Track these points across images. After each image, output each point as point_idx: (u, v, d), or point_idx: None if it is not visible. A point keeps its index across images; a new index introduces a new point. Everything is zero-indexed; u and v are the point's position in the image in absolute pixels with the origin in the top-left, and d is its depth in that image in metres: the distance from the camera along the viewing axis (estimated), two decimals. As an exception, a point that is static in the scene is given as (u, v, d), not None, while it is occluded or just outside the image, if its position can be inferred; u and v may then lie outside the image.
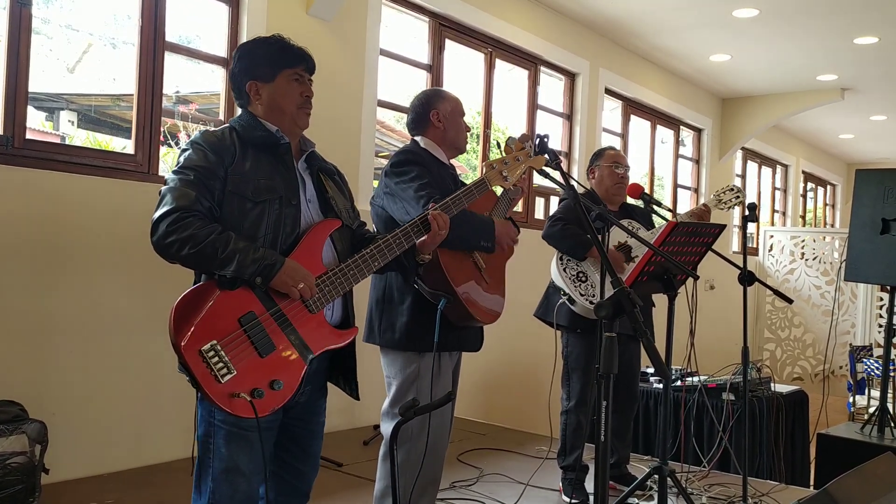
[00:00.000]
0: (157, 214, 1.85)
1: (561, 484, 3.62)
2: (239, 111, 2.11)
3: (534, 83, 6.38)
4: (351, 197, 2.22)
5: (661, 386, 4.72)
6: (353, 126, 4.81)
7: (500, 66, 6.10)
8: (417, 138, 2.79)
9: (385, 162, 5.58)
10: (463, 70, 5.95)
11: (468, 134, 2.84)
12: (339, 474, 3.82)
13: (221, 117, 4.25)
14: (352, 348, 2.08)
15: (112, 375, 3.62)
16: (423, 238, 2.12)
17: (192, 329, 1.77)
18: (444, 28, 5.55)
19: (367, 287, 2.70)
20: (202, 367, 1.77)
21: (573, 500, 3.50)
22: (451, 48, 5.68)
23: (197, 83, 4.43)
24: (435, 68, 5.51)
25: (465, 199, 2.24)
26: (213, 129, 2.05)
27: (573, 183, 2.37)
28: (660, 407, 4.65)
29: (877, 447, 4.09)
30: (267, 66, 2.04)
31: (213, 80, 4.35)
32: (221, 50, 4.23)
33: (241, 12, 4.23)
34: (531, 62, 6.33)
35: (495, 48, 5.98)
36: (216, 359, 1.78)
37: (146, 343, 3.66)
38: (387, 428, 2.61)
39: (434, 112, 2.74)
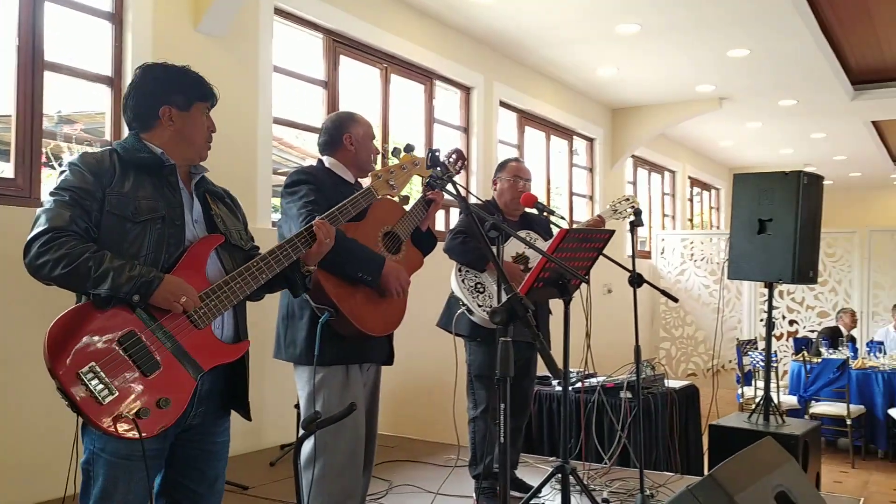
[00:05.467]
0: (30, 236, 1.82)
1: (474, 493, 3.67)
2: (126, 131, 2.08)
3: (430, 97, 6.47)
4: (244, 220, 2.23)
5: (560, 388, 4.86)
6: (249, 144, 4.75)
7: (396, 81, 6.17)
8: (324, 158, 2.85)
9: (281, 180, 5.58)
10: (359, 85, 5.98)
11: (377, 156, 2.90)
12: (245, 498, 3.74)
13: (108, 137, 4.12)
14: (243, 368, 2.07)
15: (-2, 410, 3.43)
16: (309, 249, 2.14)
17: (70, 352, 1.74)
18: (339, 44, 5.57)
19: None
20: (81, 391, 1.73)
21: (487, 508, 3.56)
22: (347, 64, 5.70)
23: (80, 103, 4.28)
24: (331, 84, 5.51)
25: (352, 209, 2.29)
26: (93, 150, 2.03)
27: (464, 194, 2.44)
28: (561, 408, 4.80)
29: (763, 433, 4.35)
30: (183, 94, 2.04)
31: (98, 100, 4.20)
32: (105, 68, 4.11)
33: (126, 29, 4.11)
34: (426, 77, 6.42)
35: (391, 63, 6.04)
36: (95, 381, 1.74)
37: (32, 371, 3.48)
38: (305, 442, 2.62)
39: (347, 135, 2.82)
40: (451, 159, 3.13)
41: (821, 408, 6.75)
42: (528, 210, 3.80)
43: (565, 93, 8.38)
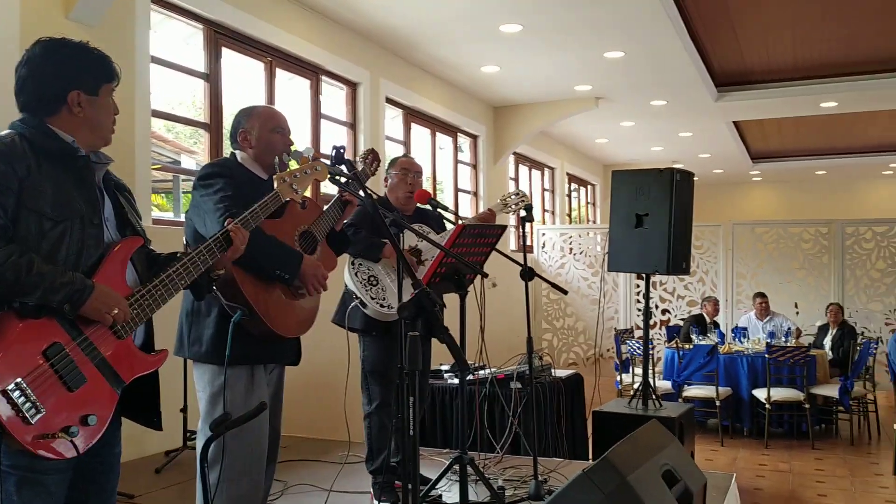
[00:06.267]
0: None
1: (371, 489, 3.68)
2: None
3: (316, 93, 6.40)
4: (139, 214, 2.13)
5: (455, 381, 4.95)
6: (126, 138, 4.54)
7: (281, 75, 6.06)
8: (236, 152, 2.77)
9: (161, 175, 5.37)
10: (243, 79, 5.83)
11: (289, 148, 2.77)
12: (132, 507, 3.60)
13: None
14: (154, 374, 1.98)
15: None
16: (223, 254, 2.07)
17: None
18: (220, 36, 5.41)
19: (180, 300, 2.61)
20: (8, 410, 1.58)
21: (385, 503, 3.57)
22: (229, 56, 5.54)
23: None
24: (212, 77, 5.35)
25: (262, 213, 2.24)
26: None
27: (367, 191, 2.45)
28: (455, 401, 4.88)
29: (643, 417, 4.58)
30: (91, 77, 1.88)
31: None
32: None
33: (-10, 14, 3.84)
34: (312, 72, 6.34)
35: (275, 57, 5.92)
36: (23, 398, 1.60)
37: None
38: (200, 445, 2.53)
39: (241, 131, 2.74)
40: (367, 160, 3.12)
41: (693, 391, 7.17)
42: (420, 206, 3.84)
43: (450, 90, 8.49)
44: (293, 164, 2.61)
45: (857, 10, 6.60)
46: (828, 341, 8.00)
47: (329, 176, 2.47)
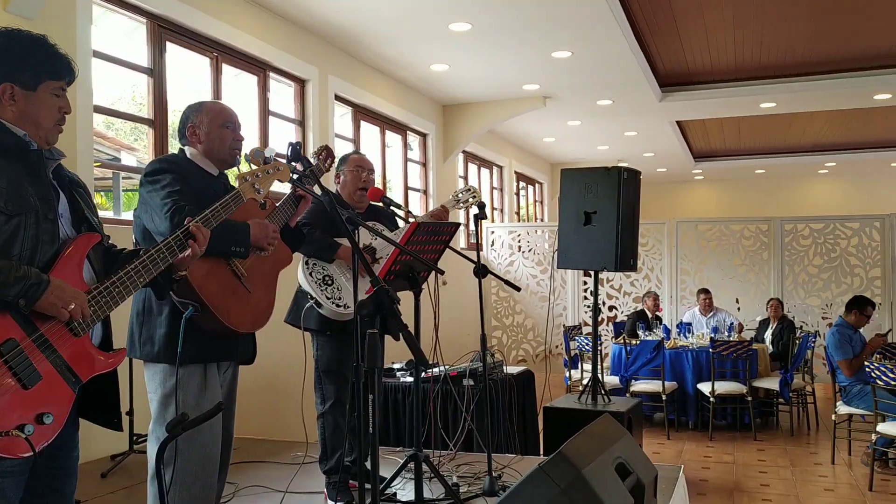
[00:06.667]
0: None
1: (325, 489, 3.65)
2: None
3: (264, 89, 6.31)
4: (96, 209, 2.07)
5: (408, 380, 4.94)
6: (68, 134, 4.40)
7: (228, 71, 5.96)
8: (185, 148, 2.72)
9: (101, 172, 5.23)
10: (188, 74, 5.72)
11: (240, 144, 2.73)
12: (77, 513, 3.50)
13: None
14: (113, 376, 1.93)
15: None
16: (185, 253, 2.03)
17: None
18: (165, 30, 5.29)
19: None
20: None
21: (339, 503, 3.55)
22: (174, 51, 5.43)
23: None
24: (157, 72, 5.23)
25: (223, 212, 2.20)
26: None
27: (323, 188, 2.42)
28: (408, 399, 4.88)
29: (593, 412, 4.66)
30: (30, 71, 1.81)
31: None
32: None
33: (-78, 4, 3.69)
34: (260, 68, 6.26)
35: (222, 53, 5.82)
36: None
37: None
38: (152, 448, 2.48)
39: (190, 126, 2.68)
40: (321, 156, 3.09)
41: (640, 386, 7.31)
42: (372, 203, 3.82)
43: (400, 88, 8.47)
44: (245, 166, 2.57)
45: (795, 15, 6.81)
46: (768, 335, 8.23)
47: (297, 175, 2.45)
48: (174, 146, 5.42)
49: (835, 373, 6.31)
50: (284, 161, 2.52)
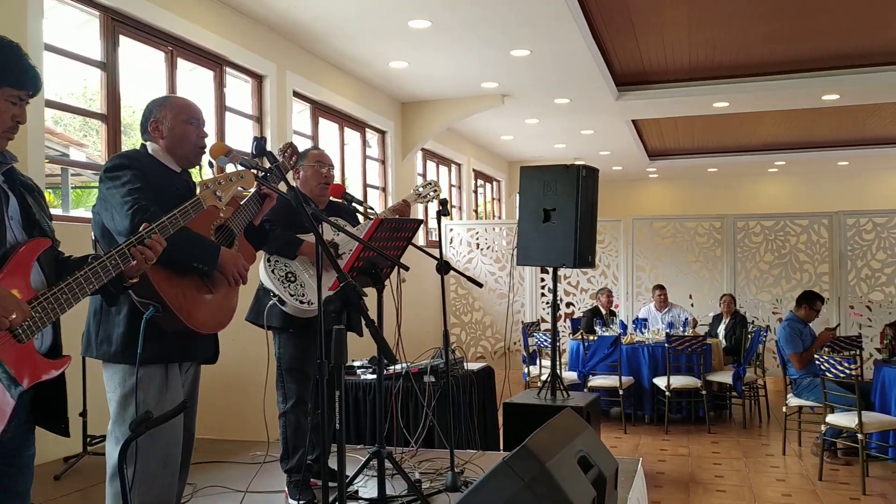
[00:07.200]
0: None
1: (286, 488, 3.62)
2: None
3: (220, 84, 6.22)
4: (50, 214, 2.02)
5: (369, 377, 4.93)
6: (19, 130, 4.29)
7: (183, 65, 5.86)
8: (147, 144, 2.66)
9: (49, 169, 5.11)
10: (142, 68, 5.61)
11: (204, 142, 2.67)
12: (30, 517, 3.41)
13: None
14: (61, 381, 1.90)
15: None
16: (134, 263, 1.99)
17: None
18: (118, 23, 5.18)
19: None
20: None
21: (301, 502, 3.52)
22: (128, 45, 5.32)
23: None
24: (110, 66, 5.12)
25: (182, 219, 2.16)
26: None
27: (289, 184, 2.40)
28: (369, 396, 4.87)
29: (552, 407, 4.71)
30: None
31: None
32: None
33: None
34: (216, 63, 6.17)
35: (177, 47, 5.72)
36: None
37: None
38: (111, 449, 2.43)
39: (153, 121, 2.62)
40: (286, 153, 3.05)
41: (598, 381, 7.40)
42: (333, 199, 3.80)
43: (359, 85, 8.43)
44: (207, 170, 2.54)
45: (748, 16, 6.96)
46: (721, 330, 8.41)
47: (264, 172, 2.42)
48: (127, 142, 5.31)
49: (785, 366, 6.48)
50: (249, 155, 2.49)
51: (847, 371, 5.34)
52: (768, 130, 12.48)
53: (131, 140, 5.38)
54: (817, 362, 5.60)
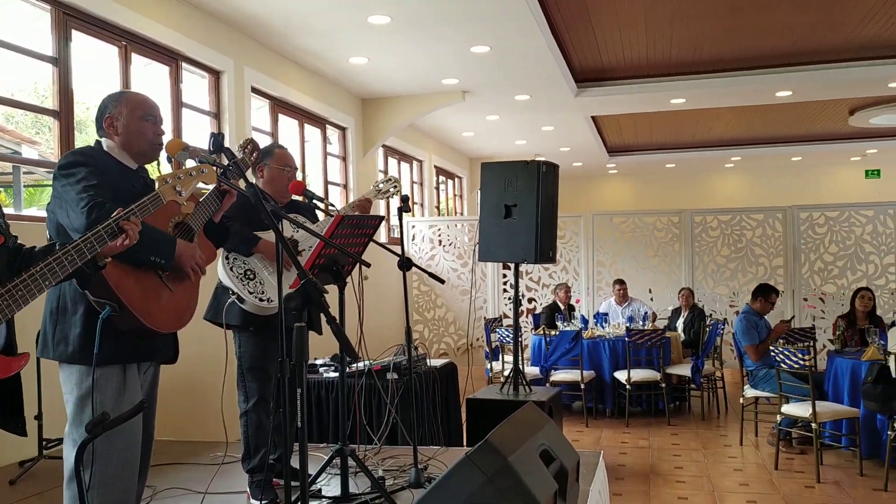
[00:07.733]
0: None
1: (248, 488, 3.58)
2: None
3: (176, 80, 6.12)
4: (3, 212, 1.97)
5: (331, 375, 4.90)
6: (-34, 125, 4.18)
7: (138, 60, 5.75)
8: (102, 140, 2.60)
9: (4, 167, 4.98)
10: (95, 64, 5.49)
11: (161, 139, 2.62)
12: (-17, 523, 3.33)
13: None
14: (17, 380, 1.85)
15: None
16: (116, 241, 1.96)
17: None
18: (70, 17, 5.07)
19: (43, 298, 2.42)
20: None
21: (263, 502, 3.49)
22: (80, 40, 5.21)
23: None
24: (62, 61, 5.00)
25: (140, 214, 2.13)
26: None
27: (248, 181, 2.37)
28: (331, 395, 4.84)
29: (515, 402, 4.73)
30: None
31: None
32: None
33: None
34: (172, 58, 6.06)
35: (130, 42, 5.61)
36: None
37: None
38: (69, 451, 2.37)
39: (108, 117, 2.57)
40: (246, 150, 3.01)
41: (560, 375, 7.46)
42: (293, 197, 3.77)
43: (318, 81, 8.37)
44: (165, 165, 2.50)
45: (704, 14, 7.07)
46: (680, 324, 8.54)
47: (224, 168, 2.38)
48: (80, 139, 5.20)
49: (742, 358, 6.60)
50: (207, 151, 2.46)
51: (801, 362, 5.47)
52: (724, 126, 12.70)
53: (85, 137, 5.27)
54: (773, 354, 5.72)
